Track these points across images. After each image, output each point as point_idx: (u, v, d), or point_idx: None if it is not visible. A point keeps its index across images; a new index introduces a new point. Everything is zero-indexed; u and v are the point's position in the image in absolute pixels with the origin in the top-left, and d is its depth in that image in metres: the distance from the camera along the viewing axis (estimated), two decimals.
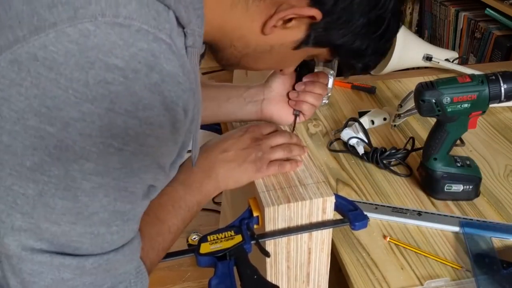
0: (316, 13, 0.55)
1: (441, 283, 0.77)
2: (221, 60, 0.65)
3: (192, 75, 0.49)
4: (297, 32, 0.58)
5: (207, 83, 0.81)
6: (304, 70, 0.78)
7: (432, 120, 0.94)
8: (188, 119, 0.51)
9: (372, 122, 1.15)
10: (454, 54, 1.43)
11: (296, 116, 0.81)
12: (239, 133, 0.73)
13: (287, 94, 0.80)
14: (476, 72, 0.92)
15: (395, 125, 1.16)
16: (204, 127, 0.93)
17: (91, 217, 0.46)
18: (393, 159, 1.03)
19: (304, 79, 0.79)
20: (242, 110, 0.81)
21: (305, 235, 0.68)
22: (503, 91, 0.83)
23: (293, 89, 0.80)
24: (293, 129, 0.81)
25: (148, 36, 0.43)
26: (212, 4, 0.54)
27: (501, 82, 0.83)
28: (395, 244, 0.84)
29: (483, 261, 0.79)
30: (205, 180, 0.68)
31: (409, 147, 1.05)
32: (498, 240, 0.84)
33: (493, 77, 0.84)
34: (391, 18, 0.59)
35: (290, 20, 0.55)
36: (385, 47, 0.64)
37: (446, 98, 0.84)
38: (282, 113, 0.81)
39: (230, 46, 0.60)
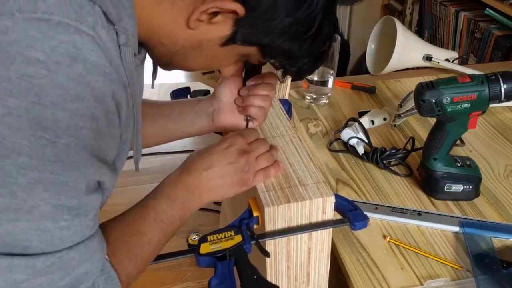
0: (239, 8, 0.54)
1: (441, 283, 0.77)
2: (155, 60, 0.64)
3: (123, 70, 0.50)
4: (223, 27, 0.57)
5: (159, 102, 0.82)
6: (249, 74, 0.77)
7: (432, 120, 0.94)
8: (123, 112, 0.51)
9: (372, 122, 1.15)
10: (454, 54, 1.43)
11: (247, 121, 0.79)
12: (223, 145, 0.69)
13: (235, 101, 0.79)
14: (476, 72, 0.92)
15: (395, 125, 1.16)
16: None
17: (32, 211, 0.46)
18: (393, 159, 1.03)
19: (248, 83, 0.78)
20: (194, 124, 0.80)
21: (305, 235, 0.68)
22: (503, 91, 0.83)
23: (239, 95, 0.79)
24: None
25: (68, 29, 0.44)
26: (139, 0, 0.53)
27: (501, 82, 0.83)
28: (395, 244, 0.84)
29: (483, 261, 0.79)
30: (189, 196, 0.66)
31: (409, 147, 1.05)
32: (498, 240, 0.84)
33: (493, 77, 0.84)
34: (323, 19, 0.58)
35: (215, 14, 0.55)
36: (320, 50, 0.62)
37: (446, 98, 0.84)
38: (234, 121, 0.79)
39: (159, 44, 0.59)
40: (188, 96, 0.96)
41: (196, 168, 0.67)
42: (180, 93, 0.96)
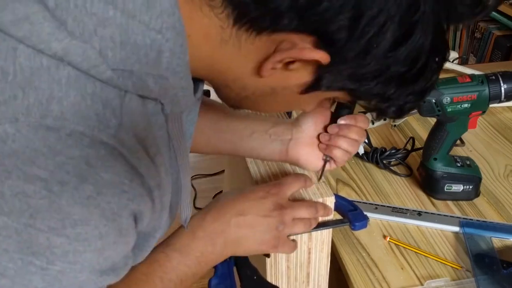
0: (323, 56, 0.42)
1: (441, 283, 0.77)
2: (222, 99, 0.55)
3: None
4: (302, 74, 0.46)
5: (231, 112, 0.72)
6: (341, 110, 0.68)
7: (432, 120, 0.94)
8: (145, 221, 0.44)
9: (372, 122, 1.15)
10: (454, 54, 1.43)
11: (325, 162, 0.70)
12: (259, 193, 0.61)
13: (318, 137, 0.70)
14: (476, 72, 0.92)
15: (395, 125, 1.16)
16: None
17: None
18: (393, 159, 1.03)
19: (339, 121, 0.68)
20: (265, 148, 0.70)
21: (305, 235, 0.68)
22: (503, 91, 0.83)
23: (326, 131, 0.69)
24: (320, 177, 0.71)
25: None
26: (199, 40, 0.43)
27: (501, 82, 0.83)
28: (395, 244, 0.84)
29: (483, 261, 0.79)
30: (209, 248, 0.58)
31: (409, 147, 1.05)
32: (498, 240, 0.84)
33: (493, 77, 0.84)
34: (430, 54, 0.44)
35: (292, 62, 0.44)
36: (423, 88, 0.48)
37: (446, 98, 0.84)
38: (310, 157, 0.70)
39: (225, 87, 0.50)
40: None
41: (226, 212, 0.59)
42: None
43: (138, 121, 0.41)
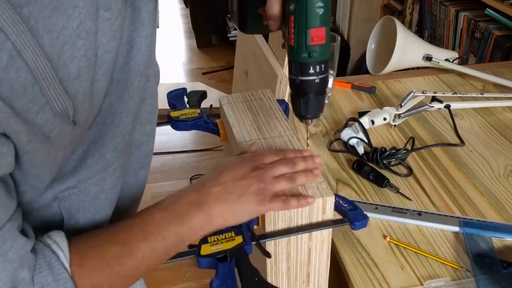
0: None
1: (441, 283, 0.77)
2: None
3: None
4: None
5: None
6: None
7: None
8: None
9: (372, 122, 1.16)
10: (454, 54, 1.43)
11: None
12: (236, 161, 0.63)
13: None
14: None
15: (395, 125, 1.16)
16: (201, 128, 0.92)
17: None
18: (393, 159, 1.03)
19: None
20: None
21: (305, 235, 0.68)
22: None
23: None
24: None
25: None
26: None
27: None
28: (395, 244, 0.84)
29: (483, 261, 0.79)
30: (193, 210, 0.58)
31: (409, 147, 1.05)
32: (498, 240, 0.84)
33: None
34: None
35: None
36: None
37: None
38: None
39: None
40: (185, 97, 0.96)
41: (205, 185, 0.60)
42: (176, 94, 0.95)
43: None
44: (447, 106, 1.19)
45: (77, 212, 0.55)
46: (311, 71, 0.63)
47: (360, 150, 1.05)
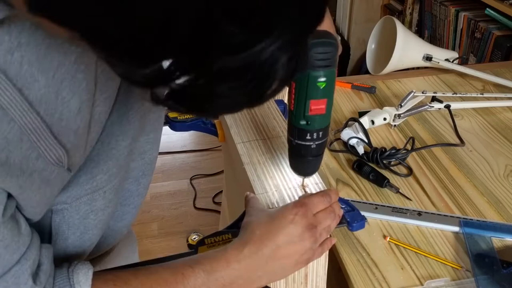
0: None
1: (441, 283, 0.77)
2: None
3: None
4: None
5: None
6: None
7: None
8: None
9: (372, 122, 1.15)
10: (454, 54, 1.43)
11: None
12: (288, 217, 0.58)
13: None
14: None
15: (395, 125, 1.16)
16: (199, 128, 0.92)
17: None
18: (393, 159, 1.03)
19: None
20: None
21: None
22: None
23: None
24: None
25: None
26: None
27: None
28: (395, 244, 0.84)
29: (483, 261, 0.79)
30: (240, 281, 0.56)
31: (409, 147, 1.05)
32: (498, 240, 0.84)
33: None
34: None
35: None
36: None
37: None
38: None
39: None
40: None
41: (263, 246, 0.57)
42: None
43: None
44: (447, 106, 1.19)
45: (67, 229, 0.54)
46: (308, 137, 0.63)
47: (360, 150, 1.05)
